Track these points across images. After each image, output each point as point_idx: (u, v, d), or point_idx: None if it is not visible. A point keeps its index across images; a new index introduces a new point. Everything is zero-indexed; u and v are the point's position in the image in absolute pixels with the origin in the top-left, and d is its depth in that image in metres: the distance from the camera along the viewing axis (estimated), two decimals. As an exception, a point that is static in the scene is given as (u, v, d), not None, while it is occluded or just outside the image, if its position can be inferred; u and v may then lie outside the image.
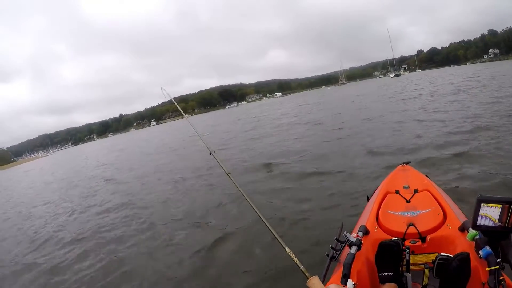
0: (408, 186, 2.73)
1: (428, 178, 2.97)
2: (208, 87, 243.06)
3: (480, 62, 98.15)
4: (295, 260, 1.50)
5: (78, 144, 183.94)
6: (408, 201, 2.48)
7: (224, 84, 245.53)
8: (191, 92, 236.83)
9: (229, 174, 2.22)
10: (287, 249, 1.56)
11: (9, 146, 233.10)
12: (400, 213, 2.32)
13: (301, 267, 1.45)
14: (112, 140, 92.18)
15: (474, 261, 1.61)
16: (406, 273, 1.87)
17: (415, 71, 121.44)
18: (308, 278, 1.36)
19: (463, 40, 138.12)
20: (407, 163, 3.42)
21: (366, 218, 2.42)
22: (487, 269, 1.51)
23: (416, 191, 2.61)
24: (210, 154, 2.53)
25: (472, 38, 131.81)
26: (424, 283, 1.83)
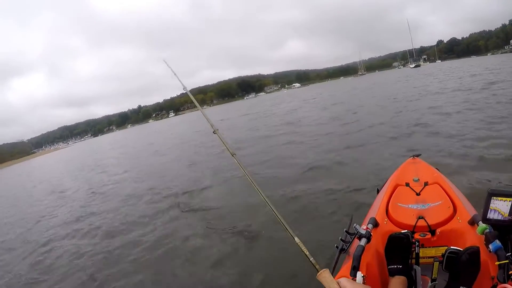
0: (418, 179, 2.71)
1: (438, 171, 2.94)
2: (227, 78, 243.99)
3: (501, 53, 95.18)
4: (305, 252, 1.43)
5: (98, 136, 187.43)
6: (418, 194, 2.46)
7: (242, 75, 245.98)
8: (210, 83, 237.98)
9: (234, 155, 2.12)
10: (296, 239, 1.49)
11: (29, 138, 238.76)
12: (410, 205, 2.31)
13: (311, 259, 1.39)
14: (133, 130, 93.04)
15: (483, 255, 1.59)
16: (415, 266, 1.85)
17: (435, 61, 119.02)
18: (318, 271, 1.32)
19: (484, 30, 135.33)
20: (417, 155, 3.39)
21: (376, 210, 2.41)
22: (497, 263, 1.50)
23: (426, 184, 2.59)
24: (214, 132, 2.41)
25: (493, 28, 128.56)
26: (433, 276, 1.81)
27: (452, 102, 12.46)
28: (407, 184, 2.64)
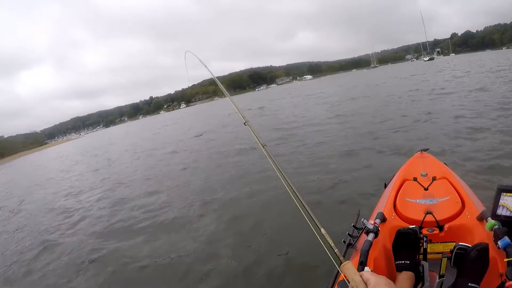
0: (426, 174, 2.68)
1: (446, 166, 2.91)
2: (238, 70, 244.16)
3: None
4: (330, 243, 1.43)
5: (110, 126, 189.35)
6: (426, 189, 2.44)
7: (254, 67, 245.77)
8: (221, 75, 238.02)
9: (264, 147, 2.10)
10: (322, 230, 1.50)
11: (43, 129, 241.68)
12: (417, 200, 2.29)
13: (335, 251, 1.40)
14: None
15: (492, 252, 1.58)
16: (423, 262, 1.83)
17: (449, 55, 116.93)
18: (341, 262, 1.33)
19: (499, 24, 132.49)
20: (425, 150, 3.35)
21: (384, 205, 2.39)
22: (505, 260, 1.48)
23: (434, 178, 2.55)
24: (245, 124, 2.40)
25: (508, 22, 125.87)
26: (441, 272, 1.80)
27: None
28: (415, 179, 2.61)
